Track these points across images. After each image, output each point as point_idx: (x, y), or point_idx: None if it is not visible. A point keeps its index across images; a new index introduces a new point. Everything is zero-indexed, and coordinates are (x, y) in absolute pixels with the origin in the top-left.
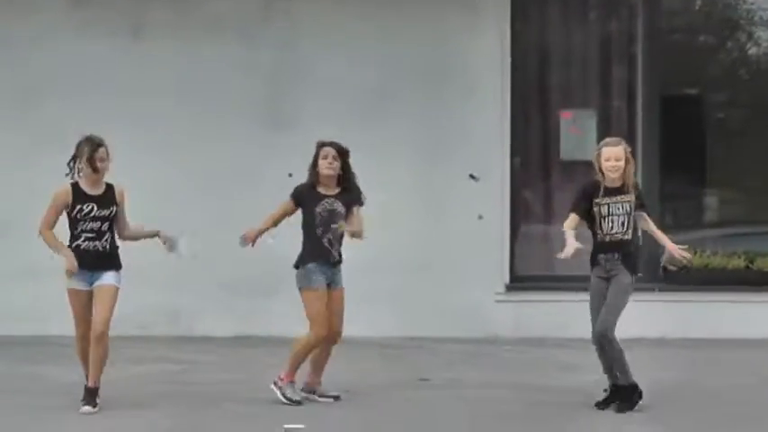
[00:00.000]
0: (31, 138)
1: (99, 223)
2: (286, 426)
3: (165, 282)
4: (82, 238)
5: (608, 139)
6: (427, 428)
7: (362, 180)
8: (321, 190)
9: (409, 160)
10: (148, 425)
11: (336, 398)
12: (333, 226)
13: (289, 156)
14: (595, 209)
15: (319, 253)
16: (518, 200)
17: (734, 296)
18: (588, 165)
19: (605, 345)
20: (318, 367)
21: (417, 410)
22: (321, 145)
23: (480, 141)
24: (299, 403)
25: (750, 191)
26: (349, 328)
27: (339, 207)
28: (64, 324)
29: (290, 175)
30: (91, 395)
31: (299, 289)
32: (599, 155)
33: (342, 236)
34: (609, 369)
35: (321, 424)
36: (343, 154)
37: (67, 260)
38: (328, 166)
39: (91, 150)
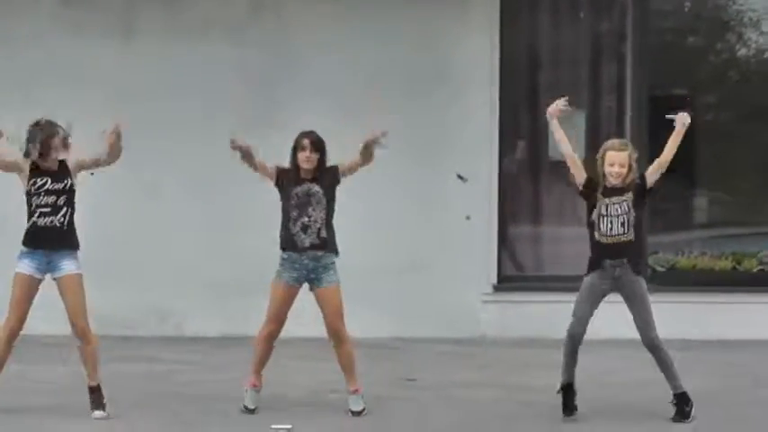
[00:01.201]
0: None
1: (54, 197)
2: (273, 426)
3: (153, 282)
4: (37, 214)
5: (614, 142)
6: (415, 429)
7: (350, 180)
8: (301, 173)
9: (397, 161)
10: (136, 425)
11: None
12: (309, 209)
13: (277, 156)
14: (595, 204)
15: (291, 241)
16: (506, 200)
17: (721, 297)
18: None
19: (657, 353)
20: (346, 371)
21: (405, 411)
22: (301, 135)
23: (468, 142)
24: (252, 411)
25: (738, 192)
26: None
27: (316, 189)
28: (50, 323)
29: None
30: (95, 395)
31: None
32: (603, 157)
33: (326, 221)
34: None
35: (308, 424)
36: (320, 146)
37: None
38: (306, 160)
39: (44, 136)
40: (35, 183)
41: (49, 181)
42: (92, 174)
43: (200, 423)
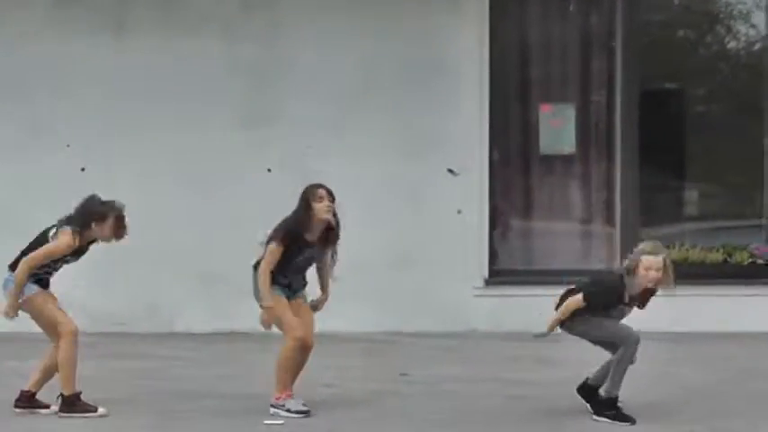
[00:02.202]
0: (15, 134)
1: (63, 266)
2: (266, 422)
3: (145, 278)
4: (43, 272)
5: (648, 246)
6: (407, 423)
7: (342, 176)
8: (307, 236)
9: (389, 155)
10: (128, 421)
11: (306, 413)
12: (305, 272)
13: (269, 151)
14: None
15: (285, 286)
16: (497, 194)
17: (712, 290)
18: (566, 159)
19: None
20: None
21: (397, 405)
22: (314, 186)
23: (459, 136)
24: (307, 413)
25: (729, 185)
26: (329, 324)
27: (314, 255)
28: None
29: (269, 170)
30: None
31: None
32: (638, 263)
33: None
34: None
35: (301, 420)
36: (333, 196)
37: (9, 307)
38: (327, 210)
39: (120, 220)
40: (65, 259)
41: (70, 257)
42: (82, 169)
43: (193, 419)
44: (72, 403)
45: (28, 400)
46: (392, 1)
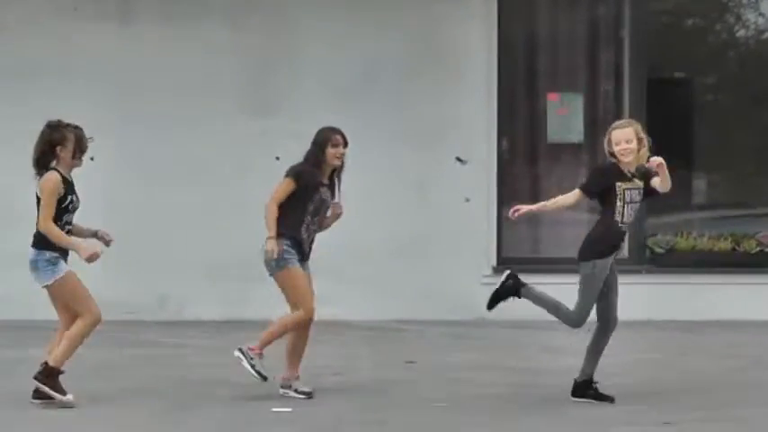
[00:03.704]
0: (20, 122)
1: (72, 216)
2: (274, 409)
3: (153, 266)
4: (65, 231)
5: (616, 122)
6: (414, 411)
7: (350, 164)
8: (320, 176)
9: (396, 144)
10: (138, 409)
11: (309, 395)
12: (317, 218)
13: (276, 140)
14: (618, 192)
15: (299, 246)
16: (505, 182)
17: (720, 278)
18: (574, 147)
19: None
20: (297, 358)
21: (404, 393)
22: (332, 131)
23: (467, 124)
24: (265, 379)
25: (737, 174)
26: (336, 312)
27: (328, 197)
28: (50, 308)
29: (278, 158)
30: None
31: (273, 274)
32: (609, 140)
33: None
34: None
35: (308, 407)
36: (347, 142)
37: (86, 249)
38: (338, 156)
39: (79, 138)
40: (72, 201)
41: (75, 198)
42: (92, 159)
43: (202, 407)
44: (51, 375)
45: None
46: None
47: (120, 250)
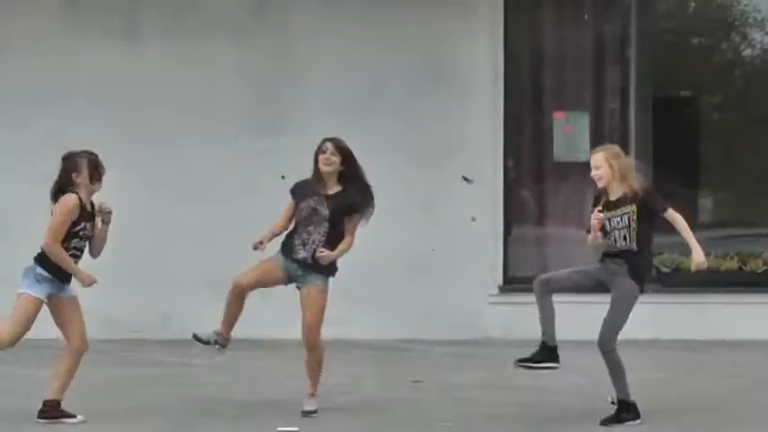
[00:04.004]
0: (26, 141)
1: (86, 242)
2: (280, 429)
3: (157, 285)
4: (70, 254)
5: (599, 147)
6: (421, 430)
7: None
8: (317, 187)
9: (402, 163)
10: (142, 428)
11: (312, 413)
12: (309, 227)
13: (282, 158)
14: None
15: (290, 247)
16: (511, 201)
17: (727, 297)
18: (581, 166)
19: (603, 357)
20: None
21: (410, 413)
22: (323, 140)
23: (473, 143)
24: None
25: (743, 192)
26: (342, 331)
27: (323, 210)
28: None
29: (283, 177)
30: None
31: None
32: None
33: (325, 243)
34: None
35: (314, 426)
36: (343, 150)
37: (85, 277)
38: (325, 162)
39: (93, 162)
40: (84, 227)
41: (89, 226)
42: None
43: (206, 425)
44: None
45: (53, 410)
46: (405, 8)
47: (124, 269)
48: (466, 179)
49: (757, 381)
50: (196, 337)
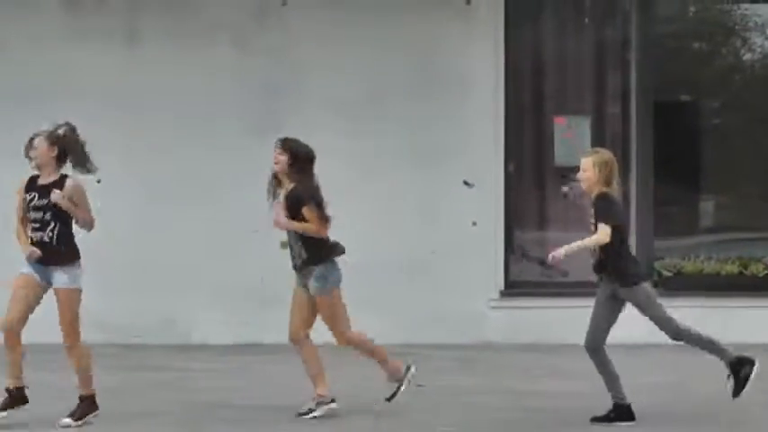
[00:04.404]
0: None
1: (41, 213)
2: None
3: (160, 290)
4: (30, 229)
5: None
6: None
7: (357, 187)
8: (277, 190)
9: (403, 167)
10: None
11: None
12: (288, 236)
13: None
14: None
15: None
16: (512, 206)
17: (728, 302)
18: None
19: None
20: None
21: (413, 417)
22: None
23: (474, 148)
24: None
25: (744, 197)
26: None
27: (278, 208)
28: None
29: None
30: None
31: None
32: None
33: (302, 240)
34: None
35: (313, 427)
36: (290, 149)
37: (27, 251)
38: (274, 161)
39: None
40: (25, 199)
41: (36, 196)
42: (98, 182)
43: (211, 430)
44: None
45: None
46: (406, 11)
47: (126, 273)
48: (467, 183)
49: (760, 385)
50: None
